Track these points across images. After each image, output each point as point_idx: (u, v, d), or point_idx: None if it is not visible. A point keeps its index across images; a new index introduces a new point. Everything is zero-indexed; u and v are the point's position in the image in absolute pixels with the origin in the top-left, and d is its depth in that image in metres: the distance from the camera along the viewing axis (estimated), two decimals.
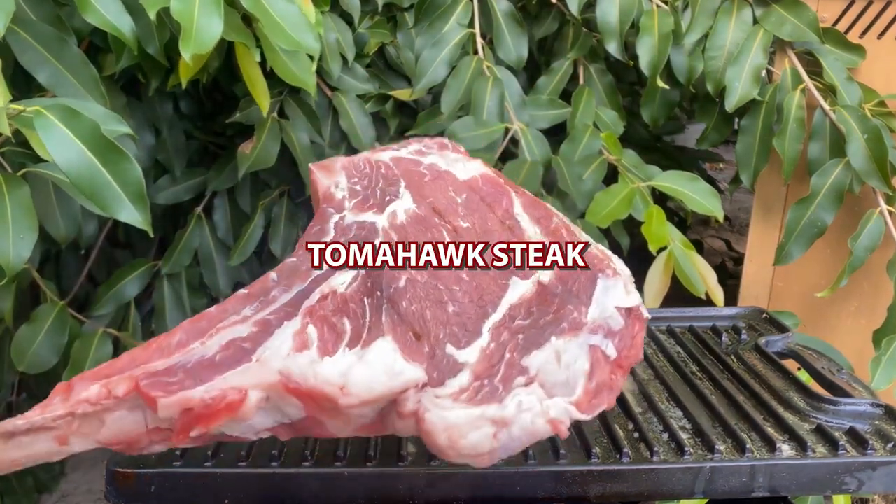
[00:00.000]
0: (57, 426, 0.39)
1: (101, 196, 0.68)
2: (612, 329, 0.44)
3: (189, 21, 0.77)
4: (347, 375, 0.39)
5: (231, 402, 0.39)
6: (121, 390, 0.39)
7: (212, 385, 0.39)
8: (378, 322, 0.42)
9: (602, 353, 0.43)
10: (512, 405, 0.39)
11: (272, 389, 0.39)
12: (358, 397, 0.39)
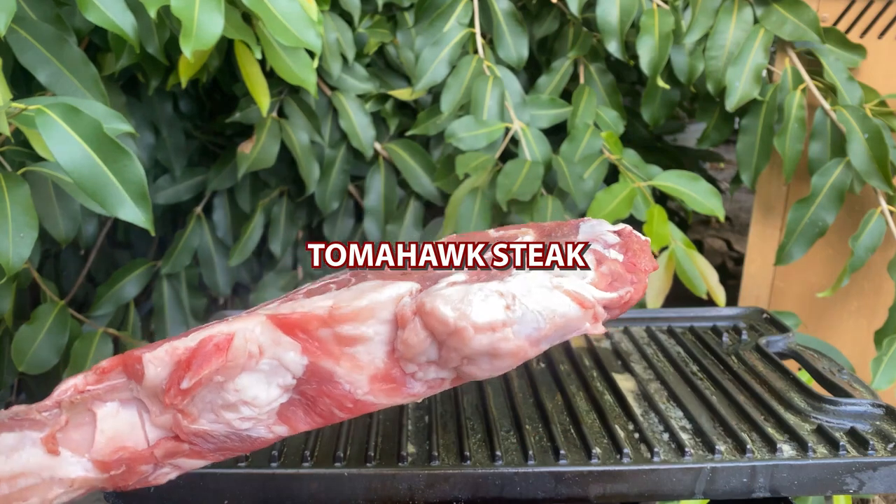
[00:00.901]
0: (44, 420, 0.36)
1: (102, 195, 0.68)
2: (608, 242, 0.43)
3: (189, 18, 0.77)
4: (335, 297, 0.38)
5: (218, 342, 0.36)
6: (106, 364, 0.37)
7: (197, 335, 0.37)
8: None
9: (604, 253, 0.42)
10: (517, 279, 0.38)
11: (261, 329, 0.37)
12: (346, 314, 0.37)
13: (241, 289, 1.30)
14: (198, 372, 0.36)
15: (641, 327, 0.71)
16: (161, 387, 0.37)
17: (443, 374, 0.39)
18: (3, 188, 0.73)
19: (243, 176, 1.14)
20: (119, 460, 0.37)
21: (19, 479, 0.35)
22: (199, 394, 0.37)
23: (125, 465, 0.37)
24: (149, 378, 0.37)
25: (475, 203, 1.03)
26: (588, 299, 0.38)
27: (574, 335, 0.39)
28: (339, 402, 0.38)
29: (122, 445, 0.37)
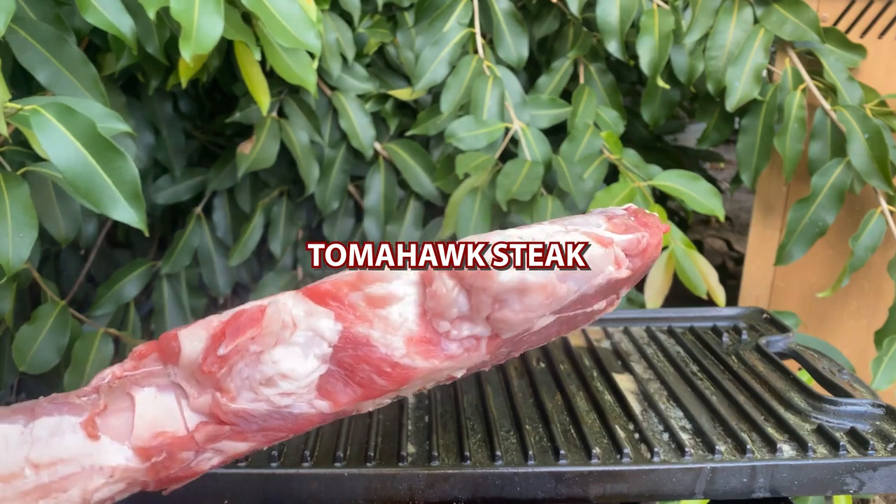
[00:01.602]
0: (83, 404, 0.36)
1: (95, 194, 0.68)
2: (616, 212, 0.44)
3: (189, 21, 0.77)
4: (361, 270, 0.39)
5: (252, 313, 0.36)
6: (143, 347, 0.37)
7: (230, 311, 0.37)
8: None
9: (613, 212, 0.43)
10: (533, 229, 0.39)
11: (293, 301, 0.37)
12: (373, 275, 0.37)
13: (241, 289, 1.30)
14: (233, 339, 0.36)
15: (641, 327, 0.71)
16: (198, 361, 0.36)
17: (476, 331, 0.39)
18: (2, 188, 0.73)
19: (243, 176, 1.14)
20: (159, 446, 0.36)
21: (59, 465, 0.34)
22: (236, 366, 0.36)
23: (166, 451, 0.36)
24: (185, 354, 0.36)
25: (475, 203, 1.03)
26: (606, 237, 0.39)
27: (600, 280, 0.39)
28: (378, 368, 0.38)
29: (162, 430, 0.37)
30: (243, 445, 0.39)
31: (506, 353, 0.42)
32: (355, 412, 0.40)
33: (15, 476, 0.33)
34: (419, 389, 0.40)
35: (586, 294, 0.39)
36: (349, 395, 0.39)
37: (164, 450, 0.36)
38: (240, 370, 0.37)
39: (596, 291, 0.40)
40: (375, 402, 0.39)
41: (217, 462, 0.38)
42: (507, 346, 0.40)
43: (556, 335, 0.44)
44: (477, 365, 0.40)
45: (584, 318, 0.44)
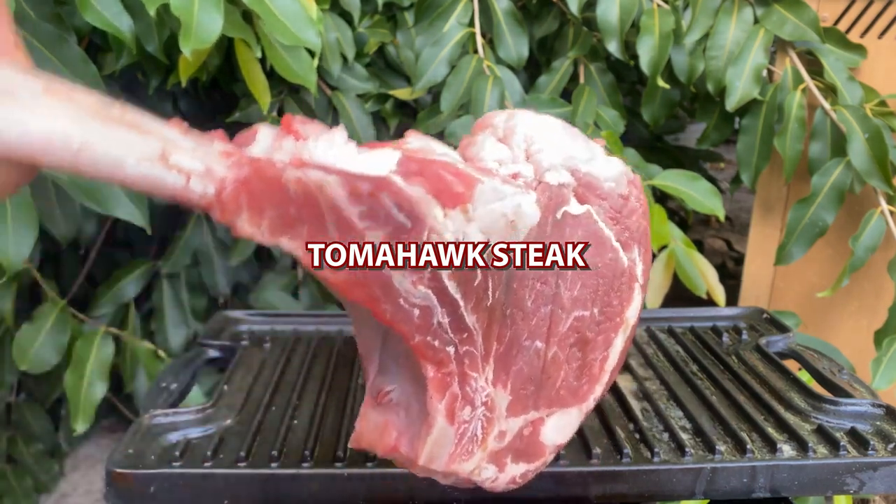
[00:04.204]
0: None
1: (98, 193, 0.68)
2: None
3: (189, 17, 0.77)
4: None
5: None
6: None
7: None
8: None
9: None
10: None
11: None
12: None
13: (241, 289, 1.30)
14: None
15: (641, 327, 0.71)
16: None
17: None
18: None
19: None
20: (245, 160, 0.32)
21: (145, 119, 0.30)
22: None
23: (251, 165, 0.32)
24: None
25: None
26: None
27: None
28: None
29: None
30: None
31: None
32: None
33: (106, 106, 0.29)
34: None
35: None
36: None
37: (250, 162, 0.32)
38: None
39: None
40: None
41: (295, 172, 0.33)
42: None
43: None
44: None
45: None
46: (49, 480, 1.25)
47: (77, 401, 0.95)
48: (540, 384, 0.41)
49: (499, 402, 0.40)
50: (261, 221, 0.31)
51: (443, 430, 0.37)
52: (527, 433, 0.41)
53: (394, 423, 0.38)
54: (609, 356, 0.43)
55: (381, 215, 0.33)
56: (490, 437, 0.39)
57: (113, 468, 0.47)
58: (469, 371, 0.38)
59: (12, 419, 1.20)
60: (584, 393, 0.43)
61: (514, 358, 0.40)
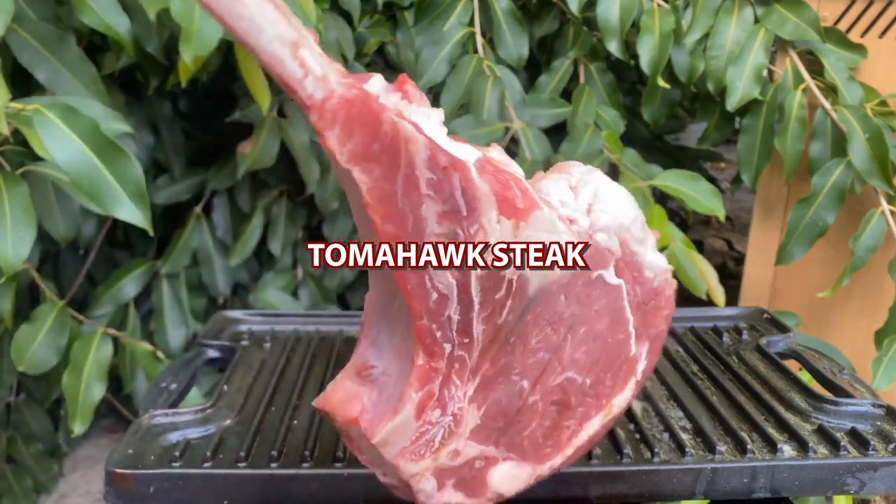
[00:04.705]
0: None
1: (100, 195, 0.68)
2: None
3: (189, 22, 0.77)
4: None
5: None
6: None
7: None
8: None
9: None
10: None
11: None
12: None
13: (241, 289, 1.30)
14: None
15: None
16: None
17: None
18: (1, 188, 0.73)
19: (243, 176, 1.14)
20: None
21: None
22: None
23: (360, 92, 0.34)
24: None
25: None
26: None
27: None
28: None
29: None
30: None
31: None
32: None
33: None
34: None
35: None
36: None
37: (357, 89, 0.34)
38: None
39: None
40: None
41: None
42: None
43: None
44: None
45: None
46: (48, 481, 1.25)
47: (75, 401, 0.95)
48: (509, 424, 0.41)
49: (467, 420, 0.39)
50: (347, 143, 0.33)
51: (407, 420, 0.38)
52: (478, 466, 0.41)
53: (363, 398, 0.39)
54: (580, 431, 0.43)
55: (445, 190, 0.35)
56: (445, 449, 0.39)
57: (112, 468, 0.47)
58: (454, 376, 0.38)
59: (12, 419, 1.20)
60: (543, 455, 0.43)
61: (498, 386, 0.40)
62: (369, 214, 0.35)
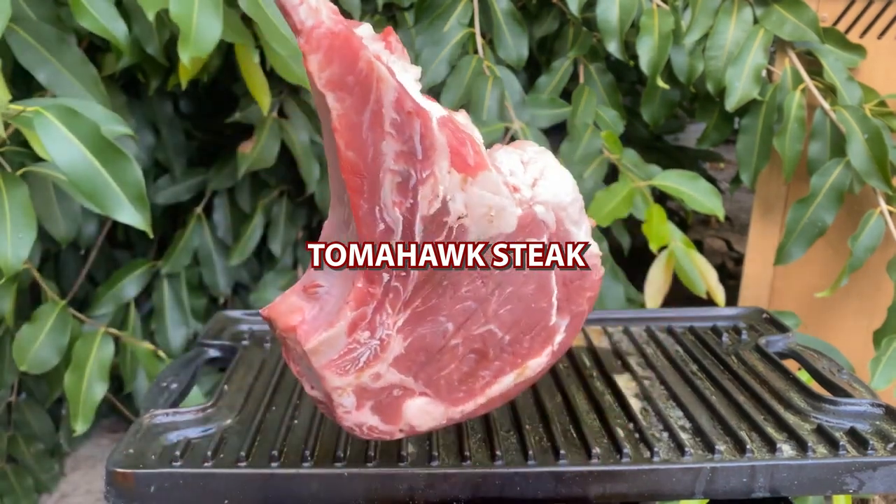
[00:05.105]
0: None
1: (100, 196, 0.68)
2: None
3: (188, 23, 0.77)
4: None
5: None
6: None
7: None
8: None
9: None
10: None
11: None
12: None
13: (241, 289, 1.30)
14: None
15: (641, 327, 0.71)
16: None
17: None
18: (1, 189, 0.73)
19: (243, 176, 1.14)
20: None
21: None
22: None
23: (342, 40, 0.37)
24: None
25: None
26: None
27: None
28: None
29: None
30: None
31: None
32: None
33: None
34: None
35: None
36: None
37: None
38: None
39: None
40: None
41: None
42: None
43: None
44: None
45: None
46: (49, 480, 1.25)
47: (77, 401, 0.96)
48: (430, 360, 0.44)
49: (392, 348, 0.42)
50: (326, 69, 0.37)
51: (339, 334, 0.41)
52: (395, 394, 0.43)
53: (305, 311, 0.42)
54: (493, 385, 0.46)
55: (405, 132, 0.39)
56: (369, 370, 0.42)
57: (113, 468, 0.47)
58: (388, 304, 0.42)
59: (13, 419, 1.20)
60: (457, 398, 0.45)
61: (425, 322, 0.43)
62: (335, 139, 0.38)
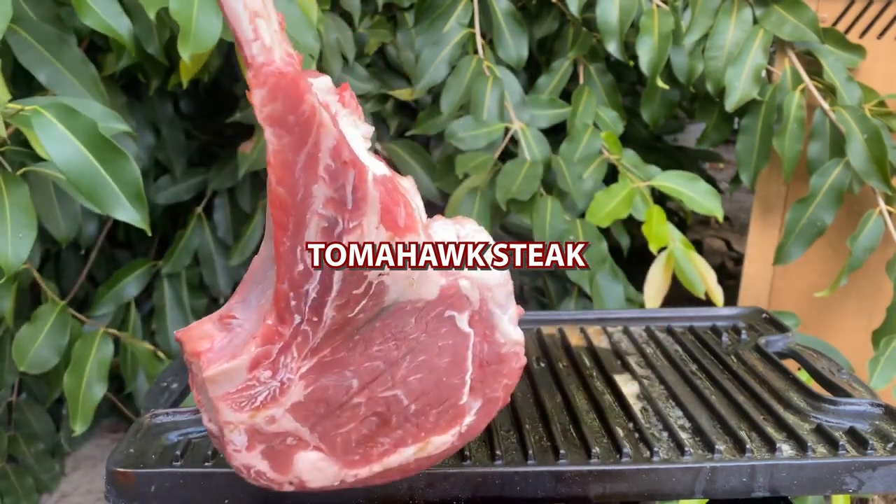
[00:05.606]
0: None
1: (98, 195, 0.68)
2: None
3: (188, 21, 0.77)
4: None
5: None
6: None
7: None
8: None
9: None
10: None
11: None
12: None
13: None
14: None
15: (641, 327, 0.71)
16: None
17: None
18: (2, 189, 0.73)
19: (244, 176, 1.14)
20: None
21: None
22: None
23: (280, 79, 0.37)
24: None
25: (475, 203, 1.03)
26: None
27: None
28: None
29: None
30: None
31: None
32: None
33: None
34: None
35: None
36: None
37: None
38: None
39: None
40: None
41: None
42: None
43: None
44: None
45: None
46: (50, 480, 1.25)
47: (76, 401, 0.96)
48: (329, 414, 0.42)
49: (292, 393, 0.41)
50: (267, 105, 0.37)
51: (239, 368, 0.40)
52: (289, 442, 0.42)
53: (215, 339, 0.41)
54: (392, 454, 0.44)
55: (338, 181, 0.39)
56: (265, 412, 0.41)
57: (114, 468, 0.47)
58: (294, 348, 0.41)
59: (13, 419, 1.20)
60: (352, 461, 0.43)
61: (330, 374, 0.42)
62: (269, 172, 0.38)
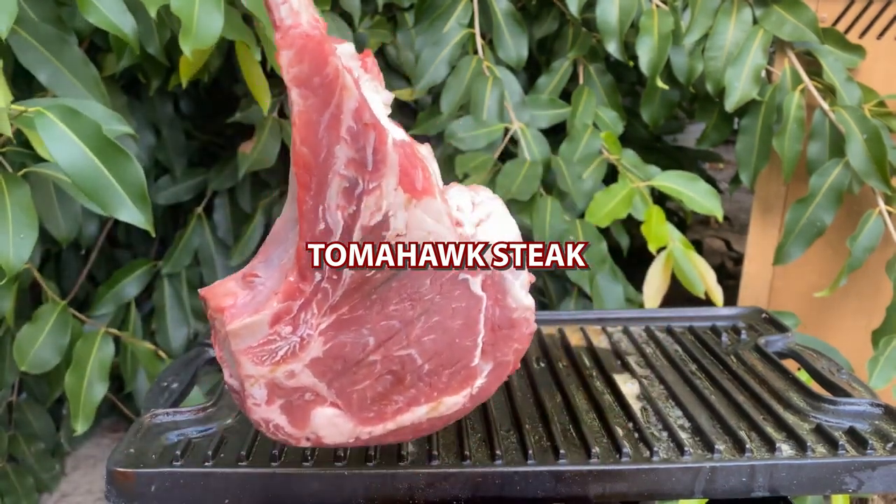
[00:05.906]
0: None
1: (102, 196, 0.68)
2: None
3: (189, 16, 0.77)
4: None
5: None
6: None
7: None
8: None
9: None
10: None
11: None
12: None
13: None
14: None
15: (640, 327, 0.71)
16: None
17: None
18: (3, 189, 0.73)
19: (244, 176, 1.14)
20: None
21: None
22: None
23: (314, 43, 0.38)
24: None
25: None
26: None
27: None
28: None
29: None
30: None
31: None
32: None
33: None
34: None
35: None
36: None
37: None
38: None
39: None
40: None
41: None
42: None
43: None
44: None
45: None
46: (50, 480, 1.25)
47: (77, 401, 0.96)
48: (345, 371, 0.43)
49: (311, 348, 0.42)
50: (294, 66, 0.38)
51: (261, 322, 0.41)
52: (307, 398, 0.43)
53: (238, 296, 0.42)
54: (405, 413, 0.45)
55: (360, 142, 0.39)
56: (284, 366, 0.42)
57: (114, 467, 0.47)
58: (314, 304, 0.42)
59: (14, 419, 1.20)
60: (366, 417, 0.44)
61: (348, 331, 0.43)
62: (293, 133, 0.39)
